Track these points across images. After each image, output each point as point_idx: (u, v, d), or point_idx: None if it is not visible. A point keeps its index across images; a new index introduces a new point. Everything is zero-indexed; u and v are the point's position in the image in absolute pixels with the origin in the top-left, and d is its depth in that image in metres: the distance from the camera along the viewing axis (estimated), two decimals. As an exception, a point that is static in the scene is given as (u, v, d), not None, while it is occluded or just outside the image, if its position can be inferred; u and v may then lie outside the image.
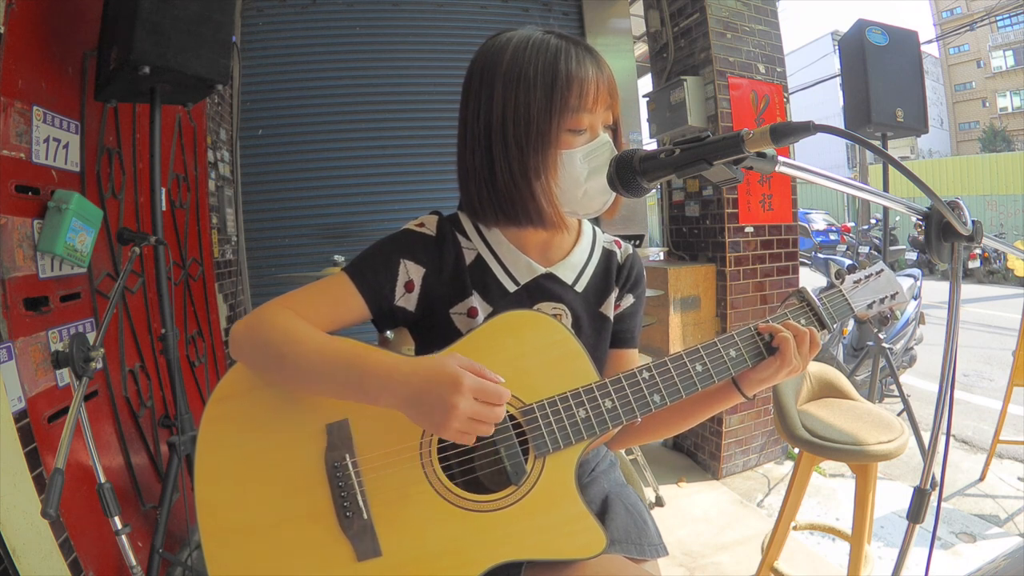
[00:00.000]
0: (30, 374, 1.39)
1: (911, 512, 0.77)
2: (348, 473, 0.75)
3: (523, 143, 0.78)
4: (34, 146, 1.46)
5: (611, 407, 0.77)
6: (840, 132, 0.63)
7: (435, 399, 0.64)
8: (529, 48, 0.79)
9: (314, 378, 0.71)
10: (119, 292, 1.41)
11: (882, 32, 2.76)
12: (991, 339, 5.79)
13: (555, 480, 0.76)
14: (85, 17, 1.69)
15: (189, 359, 2.37)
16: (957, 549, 2.13)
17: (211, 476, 0.75)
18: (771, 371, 0.81)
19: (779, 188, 2.76)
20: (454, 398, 0.63)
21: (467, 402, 0.64)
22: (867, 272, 0.91)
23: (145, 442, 1.92)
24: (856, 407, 1.64)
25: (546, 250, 0.90)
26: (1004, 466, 2.88)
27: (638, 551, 0.84)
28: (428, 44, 3.46)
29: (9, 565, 1.26)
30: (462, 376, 0.64)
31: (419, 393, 0.65)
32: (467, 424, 0.64)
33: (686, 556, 2.11)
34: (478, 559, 0.74)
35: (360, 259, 0.83)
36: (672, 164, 0.67)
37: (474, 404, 0.64)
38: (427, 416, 0.65)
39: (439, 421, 0.64)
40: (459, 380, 0.64)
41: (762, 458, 2.88)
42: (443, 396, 0.64)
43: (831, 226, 14.25)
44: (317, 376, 0.71)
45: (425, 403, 0.65)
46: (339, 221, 3.38)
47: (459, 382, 0.64)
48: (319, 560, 0.74)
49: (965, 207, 0.73)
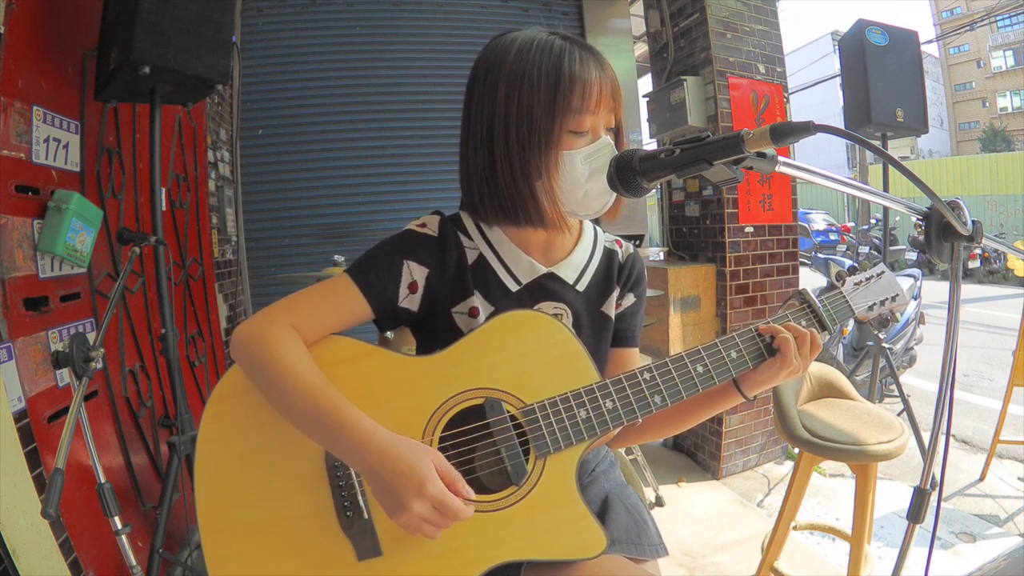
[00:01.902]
0: (30, 374, 1.39)
1: (911, 512, 0.77)
2: (348, 472, 0.75)
3: (525, 143, 0.78)
4: (34, 146, 1.46)
5: (612, 407, 0.77)
6: (840, 132, 0.63)
7: (394, 490, 0.65)
8: (533, 49, 0.79)
9: (297, 416, 0.72)
10: (119, 292, 1.41)
11: (882, 32, 2.76)
12: (991, 339, 5.79)
13: (556, 480, 0.76)
14: (85, 17, 1.69)
15: (189, 359, 2.37)
16: (957, 549, 2.13)
17: (211, 476, 0.75)
18: (771, 372, 0.82)
19: (779, 188, 2.76)
20: (412, 500, 0.65)
21: (423, 507, 0.65)
22: (868, 274, 0.91)
23: (145, 442, 1.92)
24: (856, 407, 1.64)
25: (548, 250, 0.90)
26: (1004, 466, 2.88)
27: (638, 551, 0.84)
28: (428, 44, 3.46)
29: (9, 565, 1.26)
30: (428, 482, 0.65)
31: (383, 476, 0.66)
32: (417, 524, 0.66)
33: (686, 556, 2.11)
34: (478, 559, 0.74)
35: (362, 261, 0.82)
36: (672, 164, 0.67)
37: (430, 511, 0.65)
38: (382, 498, 0.68)
39: (391, 510, 0.67)
40: (423, 486, 0.65)
41: (762, 458, 2.88)
42: (403, 491, 0.65)
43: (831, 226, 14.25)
44: (300, 416, 0.72)
45: (385, 488, 0.66)
46: (339, 221, 3.38)
47: (423, 487, 0.65)
48: (319, 560, 0.74)
49: (965, 207, 0.73)
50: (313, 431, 0.72)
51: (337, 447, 0.70)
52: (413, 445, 0.68)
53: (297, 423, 0.73)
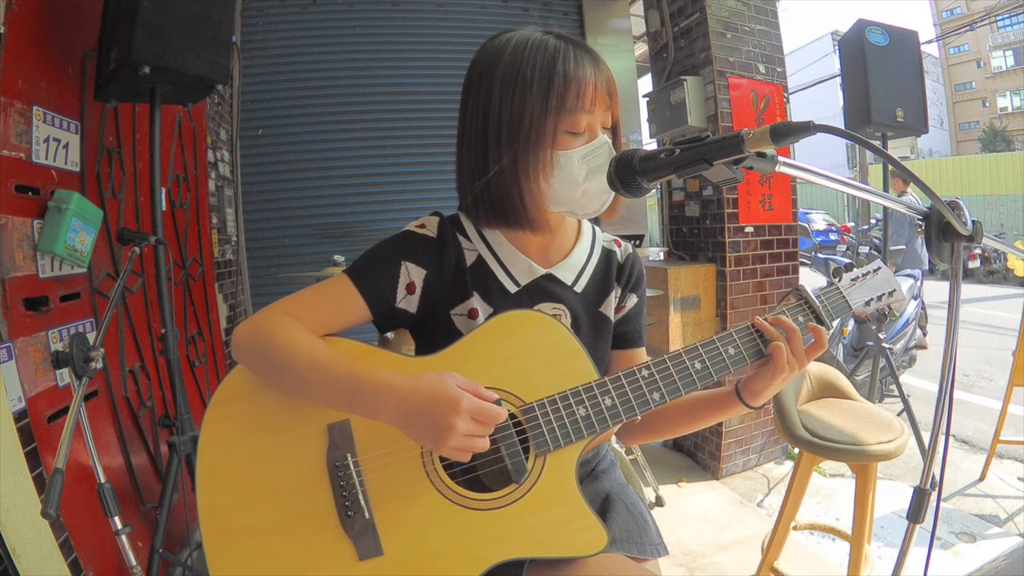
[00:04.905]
0: (30, 374, 1.39)
1: (911, 512, 0.77)
2: (349, 472, 0.75)
3: (517, 143, 0.78)
4: (34, 146, 1.46)
5: (611, 405, 0.77)
6: (840, 132, 0.64)
7: (433, 419, 0.65)
8: (528, 48, 0.79)
9: (313, 391, 0.72)
10: (119, 292, 1.41)
11: (882, 32, 2.76)
12: (991, 339, 5.78)
13: (556, 478, 0.77)
14: (85, 17, 1.69)
15: (189, 359, 2.37)
16: (957, 549, 2.13)
17: (213, 477, 0.75)
18: (766, 380, 0.81)
19: (779, 188, 2.76)
20: (452, 419, 0.65)
21: (464, 422, 0.65)
22: (864, 270, 0.91)
23: (145, 442, 1.92)
24: (856, 407, 1.64)
25: (546, 251, 0.90)
26: (1004, 466, 2.88)
27: (639, 550, 0.85)
28: (428, 44, 3.46)
29: (9, 565, 1.26)
30: (460, 397, 0.66)
31: (417, 413, 0.66)
32: (464, 441, 0.66)
33: (686, 556, 2.11)
34: (480, 557, 0.74)
35: (361, 261, 0.83)
36: (672, 164, 0.67)
37: (471, 424, 0.66)
38: (425, 435, 0.67)
39: (437, 440, 0.66)
40: (458, 401, 0.65)
41: (762, 458, 2.88)
42: (441, 416, 0.65)
43: (831, 226, 14.25)
44: (316, 389, 0.72)
45: (423, 423, 0.66)
46: (339, 221, 3.38)
47: (458, 403, 0.65)
48: (321, 560, 0.74)
49: (965, 207, 0.73)
50: (332, 399, 0.72)
51: (361, 406, 0.70)
52: (431, 376, 0.69)
53: (314, 398, 0.73)
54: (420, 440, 0.69)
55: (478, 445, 0.67)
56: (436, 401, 0.66)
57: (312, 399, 0.74)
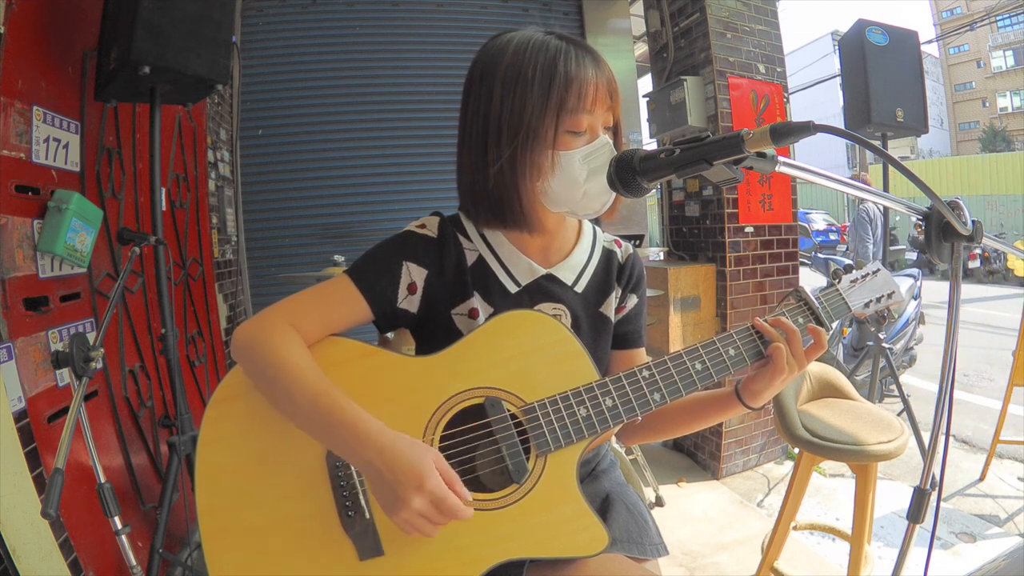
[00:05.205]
0: (30, 374, 1.39)
1: (911, 512, 0.77)
2: (350, 472, 0.75)
3: (516, 143, 0.78)
4: (34, 146, 1.46)
5: (611, 405, 0.77)
6: (840, 132, 0.64)
7: (394, 484, 0.65)
8: (529, 48, 0.79)
9: (296, 413, 0.72)
10: (119, 292, 1.41)
11: (882, 32, 2.76)
12: (991, 339, 5.78)
13: (557, 478, 0.76)
14: (85, 17, 1.69)
15: (189, 359, 2.37)
16: (957, 549, 2.13)
17: (212, 477, 0.75)
18: (766, 381, 0.81)
19: (779, 188, 2.76)
20: (411, 493, 0.65)
21: (422, 502, 0.65)
22: (864, 271, 0.91)
23: (145, 442, 1.92)
24: (856, 407, 1.64)
25: (547, 251, 0.90)
26: (1004, 466, 2.88)
27: (639, 550, 0.85)
28: (428, 44, 3.46)
29: (9, 565, 1.26)
30: (427, 478, 0.65)
31: (384, 470, 0.66)
32: (415, 520, 0.66)
33: (686, 556, 2.11)
34: (480, 557, 0.74)
35: (362, 261, 0.83)
36: (672, 164, 0.67)
37: (428, 507, 0.66)
38: (382, 495, 0.67)
39: (390, 506, 0.67)
40: (423, 481, 0.65)
41: (762, 458, 2.88)
42: (401, 487, 0.65)
43: (831, 226, 14.26)
44: (299, 413, 0.72)
45: (385, 483, 0.66)
46: (339, 221, 3.38)
47: (423, 483, 0.65)
48: (321, 560, 0.74)
49: (965, 207, 0.73)
50: (314, 428, 0.72)
51: (338, 444, 0.70)
52: (414, 443, 0.69)
53: (298, 421, 0.73)
54: (377, 497, 0.69)
55: (426, 530, 0.67)
56: (405, 469, 0.65)
57: (295, 420, 0.73)
